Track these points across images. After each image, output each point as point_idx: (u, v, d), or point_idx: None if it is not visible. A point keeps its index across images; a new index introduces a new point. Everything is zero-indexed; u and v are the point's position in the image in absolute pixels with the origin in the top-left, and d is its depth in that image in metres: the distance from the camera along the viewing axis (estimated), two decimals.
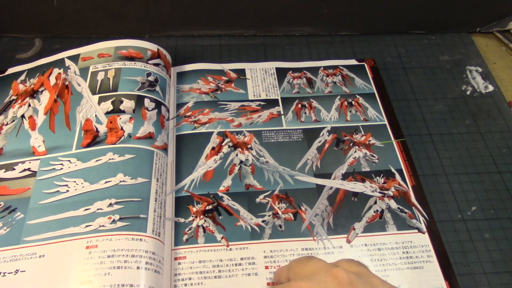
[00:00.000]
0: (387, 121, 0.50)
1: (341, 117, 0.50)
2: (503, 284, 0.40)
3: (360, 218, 0.42)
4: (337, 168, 0.46)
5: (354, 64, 0.56)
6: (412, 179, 0.45)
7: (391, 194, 0.43)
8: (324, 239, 0.41)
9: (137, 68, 0.49)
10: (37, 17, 0.57)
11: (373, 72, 0.54)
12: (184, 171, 0.45)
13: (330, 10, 0.58)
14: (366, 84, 0.53)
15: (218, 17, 0.58)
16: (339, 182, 0.44)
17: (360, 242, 0.41)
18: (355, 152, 0.47)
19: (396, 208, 0.43)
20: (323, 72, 0.55)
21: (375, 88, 0.53)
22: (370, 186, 0.44)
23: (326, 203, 0.43)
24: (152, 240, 0.38)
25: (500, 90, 0.55)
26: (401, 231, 0.41)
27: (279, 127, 0.49)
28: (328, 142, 0.48)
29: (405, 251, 0.40)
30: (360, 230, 0.41)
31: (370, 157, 0.46)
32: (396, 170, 0.45)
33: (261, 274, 0.39)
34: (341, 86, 0.53)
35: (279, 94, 0.52)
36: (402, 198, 0.43)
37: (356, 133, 0.49)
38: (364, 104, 0.51)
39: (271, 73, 0.55)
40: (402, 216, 0.42)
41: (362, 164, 0.46)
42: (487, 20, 0.61)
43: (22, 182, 0.41)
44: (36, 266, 0.36)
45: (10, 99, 0.49)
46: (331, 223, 0.42)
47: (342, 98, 0.52)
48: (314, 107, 0.51)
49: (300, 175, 0.45)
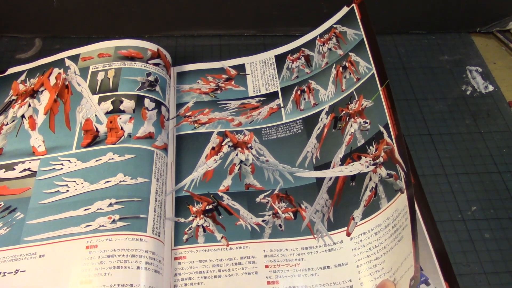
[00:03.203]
0: (374, 67, 0.47)
1: (338, 90, 0.49)
2: (503, 284, 0.40)
3: (358, 204, 0.41)
4: (336, 153, 0.45)
5: (345, 14, 0.53)
6: (396, 132, 0.41)
7: (381, 160, 0.42)
8: (325, 236, 0.41)
9: (137, 68, 0.49)
10: (37, 17, 0.57)
11: (360, 11, 0.51)
12: (184, 171, 0.45)
13: (330, 10, 0.58)
14: (356, 31, 0.51)
15: (218, 17, 0.58)
16: (338, 170, 0.44)
17: (359, 232, 0.40)
18: (351, 127, 0.46)
19: (386, 175, 0.41)
20: (319, 42, 0.54)
21: (362, 29, 0.50)
22: (366, 161, 0.43)
23: (326, 197, 0.43)
24: (152, 240, 0.38)
25: (500, 90, 0.55)
26: (390, 202, 0.40)
27: (278, 122, 0.49)
28: (326, 126, 0.48)
29: (393, 225, 0.38)
30: (359, 218, 0.41)
31: (363, 125, 0.45)
32: (384, 127, 0.43)
33: (261, 273, 0.39)
34: (336, 50, 0.52)
35: (279, 85, 0.52)
36: (389, 159, 0.41)
37: (351, 101, 0.47)
38: (356, 61, 0.49)
39: (271, 63, 0.55)
40: (390, 182, 0.41)
41: (357, 138, 0.45)
42: (487, 20, 0.61)
43: (22, 182, 0.41)
44: (36, 266, 0.36)
45: (10, 99, 0.49)
46: (331, 218, 0.42)
47: (337, 65, 0.51)
48: (313, 89, 0.51)
49: (300, 171, 0.45)
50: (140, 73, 0.48)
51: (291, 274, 0.39)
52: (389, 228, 0.38)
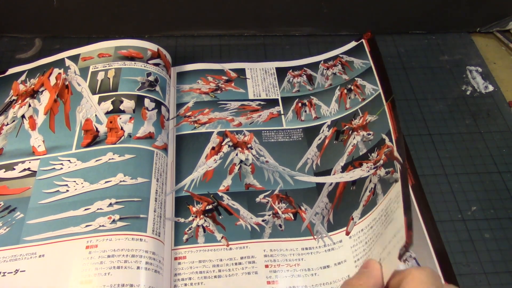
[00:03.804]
0: (380, 86, 0.47)
1: (341, 107, 0.50)
2: (503, 284, 0.40)
3: (358, 205, 0.41)
4: (337, 162, 0.45)
5: (353, 47, 0.54)
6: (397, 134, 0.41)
7: (381, 163, 0.42)
8: (325, 237, 0.41)
9: (137, 68, 0.49)
10: (37, 17, 0.57)
11: (370, 45, 0.52)
12: (184, 171, 0.45)
13: (330, 10, 0.58)
14: (363, 61, 0.52)
15: (218, 17, 0.58)
16: (339, 176, 0.44)
17: (357, 230, 0.40)
18: (353, 139, 0.46)
19: (384, 173, 0.41)
20: (323, 66, 0.54)
21: (371, 59, 0.51)
22: (367, 167, 0.43)
23: (326, 201, 0.43)
24: (152, 240, 0.38)
25: (500, 90, 0.55)
26: (385, 195, 0.39)
27: (279, 127, 0.49)
28: (328, 138, 0.48)
29: (385, 213, 0.38)
30: (358, 217, 0.41)
31: (366, 137, 0.45)
32: (386, 134, 0.43)
33: (261, 273, 0.39)
34: (341, 75, 0.53)
35: (279, 94, 0.52)
36: (389, 161, 0.41)
37: (355, 117, 0.48)
38: (362, 84, 0.50)
39: (271, 73, 0.55)
40: (387, 178, 0.41)
41: (360, 148, 0.45)
42: (487, 20, 0.61)
43: (22, 182, 0.41)
44: (36, 266, 0.36)
45: (10, 99, 0.49)
46: (331, 220, 0.42)
47: (342, 87, 0.51)
48: (315, 104, 0.51)
49: (300, 175, 0.45)
50: (140, 73, 0.48)
51: (291, 274, 0.39)
52: (382, 219, 0.38)
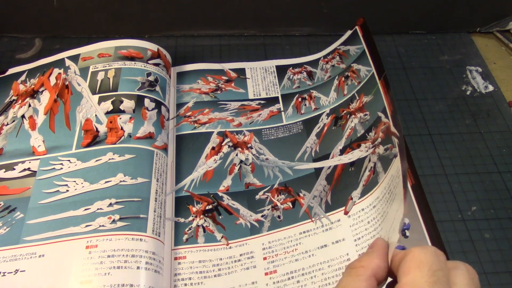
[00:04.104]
0: (373, 65, 0.47)
1: (339, 95, 0.50)
2: (503, 284, 0.40)
3: (357, 185, 0.41)
4: (336, 146, 0.45)
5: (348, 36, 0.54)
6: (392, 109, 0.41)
7: (379, 140, 0.41)
8: (322, 218, 0.41)
9: (137, 68, 0.49)
10: (37, 17, 0.57)
11: (362, 30, 0.52)
12: (184, 171, 0.45)
13: (330, 10, 0.58)
14: (358, 46, 0.51)
15: (218, 17, 0.58)
16: (337, 159, 0.44)
17: (357, 209, 0.40)
18: (351, 122, 0.46)
19: (383, 150, 0.40)
20: (323, 61, 0.55)
21: (364, 42, 0.50)
22: (365, 147, 0.43)
23: (324, 183, 0.43)
24: (152, 240, 0.38)
25: (500, 90, 0.55)
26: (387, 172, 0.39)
27: (279, 124, 0.49)
28: (327, 125, 0.48)
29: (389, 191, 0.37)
30: (357, 197, 0.40)
31: (363, 118, 0.45)
32: (382, 111, 0.42)
33: (259, 266, 0.39)
34: (339, 66, 0.53)
35: (279, 91, 0.53)
36: (387, 137, 0.41)
37: (352, 102, 0.48)
38: (357, 69, 0.50)
39: (271, 71, 0.55)
40: (387, 155, 0.40)
41: (357, 130, 0.45)
42: (487, 20, 0.61)
43: (22, 182, 0.41)
44: (36, 266, 0.36)
45: (10, 100, 0.49)
46: (329, 201, 0.42)
47: (340, 76, 0.51)
48: (314, 97, 0.51)
49: (299, 164, 0.45)
50: (140, 73, 0.48)
51: (289, 261, 0.39)
52: (386, 197, 0.38)
